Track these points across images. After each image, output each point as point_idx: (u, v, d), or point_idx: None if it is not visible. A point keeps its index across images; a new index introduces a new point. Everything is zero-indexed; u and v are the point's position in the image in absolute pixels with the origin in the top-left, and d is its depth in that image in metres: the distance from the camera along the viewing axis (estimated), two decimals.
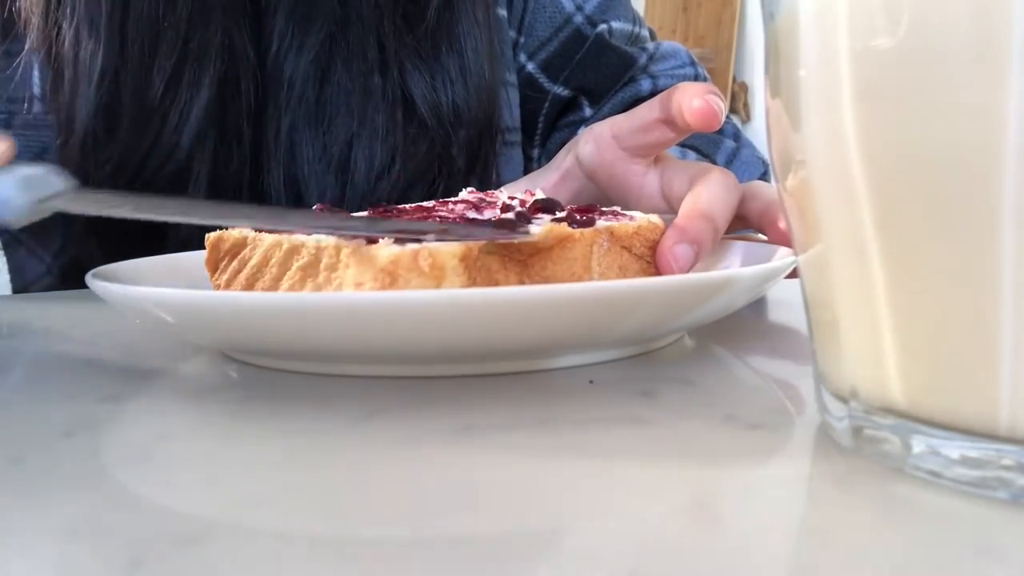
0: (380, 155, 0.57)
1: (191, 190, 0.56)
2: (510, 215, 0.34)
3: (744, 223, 0.43)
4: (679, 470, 0.20)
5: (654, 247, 0.35)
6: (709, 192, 0.38)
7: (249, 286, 0.32)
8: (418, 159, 0.58)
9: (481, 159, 0.61)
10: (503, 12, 0.66)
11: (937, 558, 0.16)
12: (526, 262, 0.30)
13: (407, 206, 0.39)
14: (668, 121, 0.41)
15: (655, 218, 0.36)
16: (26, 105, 0.58)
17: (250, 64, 0.57)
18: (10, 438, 0.24)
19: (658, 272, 0.35)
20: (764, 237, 0.43)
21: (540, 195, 0.40)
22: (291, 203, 0.58)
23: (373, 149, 0.57)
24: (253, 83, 0.57)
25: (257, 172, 0.58)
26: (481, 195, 0.40)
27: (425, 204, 0.39)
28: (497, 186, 0.64)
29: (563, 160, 0.48)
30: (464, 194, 0.41)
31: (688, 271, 0.35)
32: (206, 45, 0.55)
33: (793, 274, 0.39)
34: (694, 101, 0.39)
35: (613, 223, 0.33)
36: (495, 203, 0.38)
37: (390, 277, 0.27)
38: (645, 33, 0.71)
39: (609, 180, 0.46)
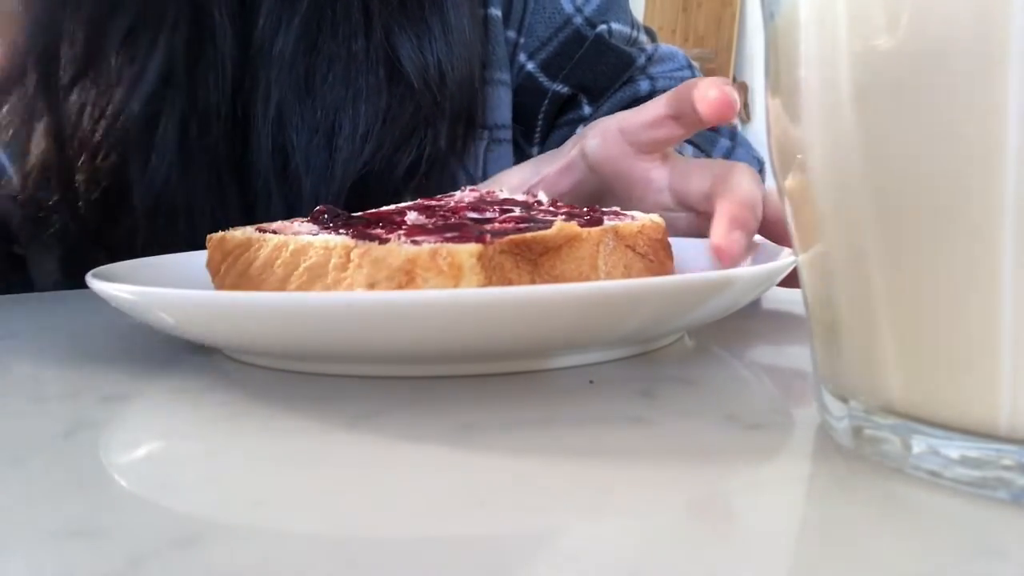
0: (365, 117, 0.58)
1: (154, 159, 0.55)
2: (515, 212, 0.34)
3: None
4: (679, 470, 0.20)
5: (657, 246, 0.35)
6: (742, 181, 0.39)
7: (254, 287, 0.32)
8: (404, 121, 0.58)
9: (463, 119, 0.61)
10: (498, 12, 0.66)
11: (937, 558, 0.16)
12: (536, 261, 0.30)
13: (407, 204, 0.39)
14: (677, 117, 0.42)
15: (656, 217, 0.36)
16: None
17: (226, 36, 0.57)
18: (10, 438, 0.24)
19: (717, 257, 0.36)
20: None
21: (542, 196, 0.40)
22: (277, 175, 0.58)
23: (358, 111, 0.58)
24: (232, 57, 0.57)
25: (243, 146, 0.58)
26: (480, 193, 0.40)
27: (427, 202, 0.39)
28: (484, 179, 0.64)
29: (568, 151, 0.48)
30: (464, 192, 0.41)
31: (741, 259, 0.35)
32: (163, 8, 0.55)
33: (791, 283, 0.40)
34: (710, 91, 0.39)
35: (617, 223, 0.34)
36: (495, 202, 0.38)
37: (407, 276, 0.28)
38: (643, 38, 0.72)
39: (615, 175, 0.46)
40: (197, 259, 0.38)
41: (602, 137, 0.46)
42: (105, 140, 0.54)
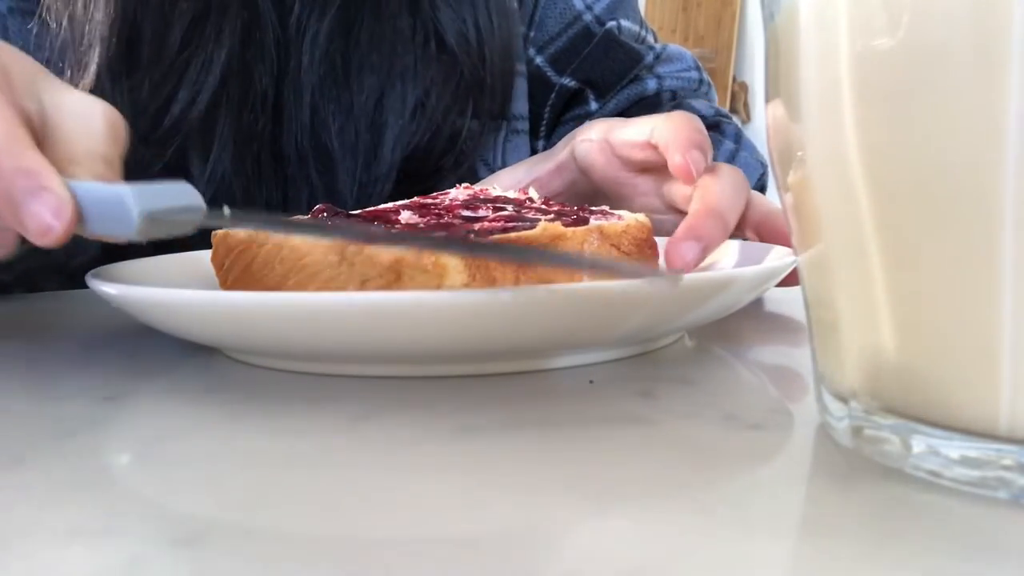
0: (412, 94, 0.58)
1: (215, 148, 0.56)
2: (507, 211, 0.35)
3: (740, 233, 0.43)
4: (679, 470, 0.20)
5: (642, 245, 0.35)
6: (720, 188, 0.39)
7: (255, 283, 0.32)
8: (448, 93, 0.59)
9: (500, 88, 0.62)
10: (515, 5, 0.67)
11: (937, 558, 0.16)
12: None
13: (403, 202, 0.39)
14: (657, 147, 0.42)
15: (643, 217, 0.37)
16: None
17: (271, 24, 0.57)
18: (10, 438, 0.24)
19: (668, 266, 0.35)
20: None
21: (533, 193, 0.40)
22: (317, 163, 0.58)
23: (406, 88, 0.58)
24: (275, 44, 0.57)
25: (278, 134, 0.58)
26: (474, 191, 0.41)
27: (423, 200, 0.39)
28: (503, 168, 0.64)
29: (560, 152, 0.49)
30: (459, 189, 0.41)
31: (694, 268, 0.35)
32: None
33: (788, 282, 0.40)
34: (675, 156, 0.40)
35: (603, 222, 0.34)
36: (488, 199, 0.38)
37: (395, 275, 0.28)
38: (651, 38, 0.72)
39: (603, 179, 0.47)
40: (197, 259, 0.38)
41: (590, 143, 0.47)
42: (169, 133, 0.54)
